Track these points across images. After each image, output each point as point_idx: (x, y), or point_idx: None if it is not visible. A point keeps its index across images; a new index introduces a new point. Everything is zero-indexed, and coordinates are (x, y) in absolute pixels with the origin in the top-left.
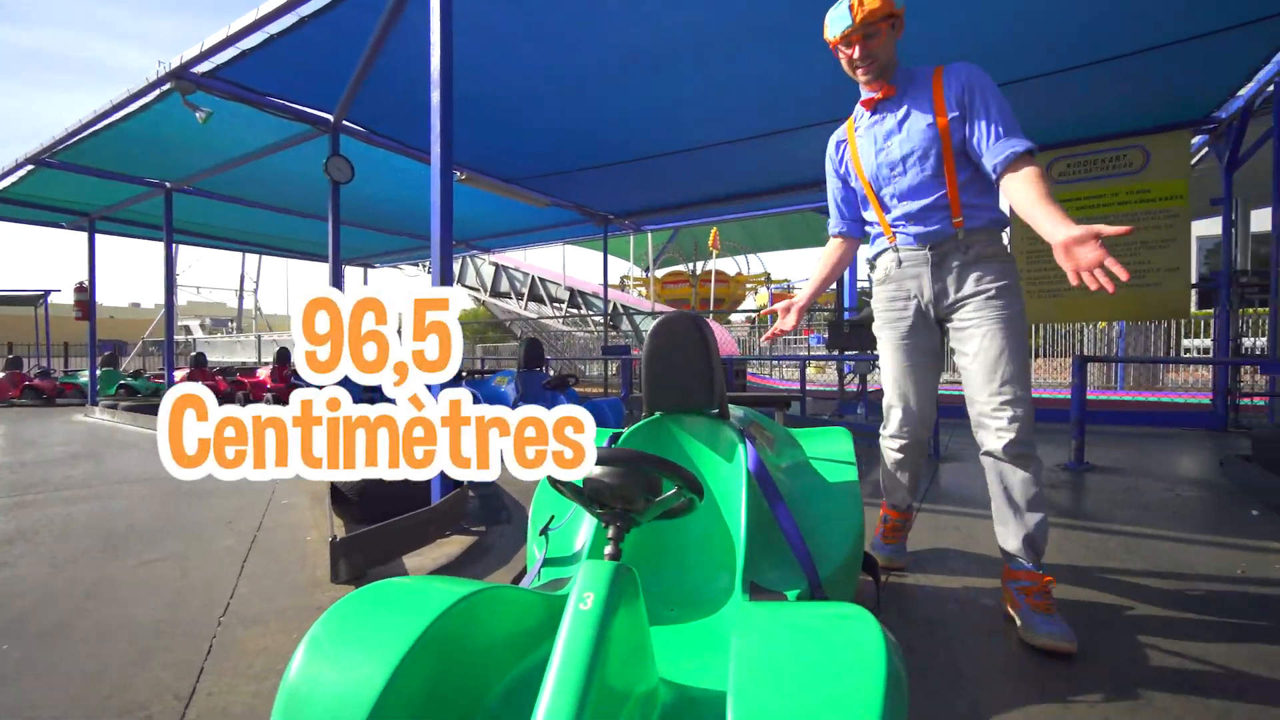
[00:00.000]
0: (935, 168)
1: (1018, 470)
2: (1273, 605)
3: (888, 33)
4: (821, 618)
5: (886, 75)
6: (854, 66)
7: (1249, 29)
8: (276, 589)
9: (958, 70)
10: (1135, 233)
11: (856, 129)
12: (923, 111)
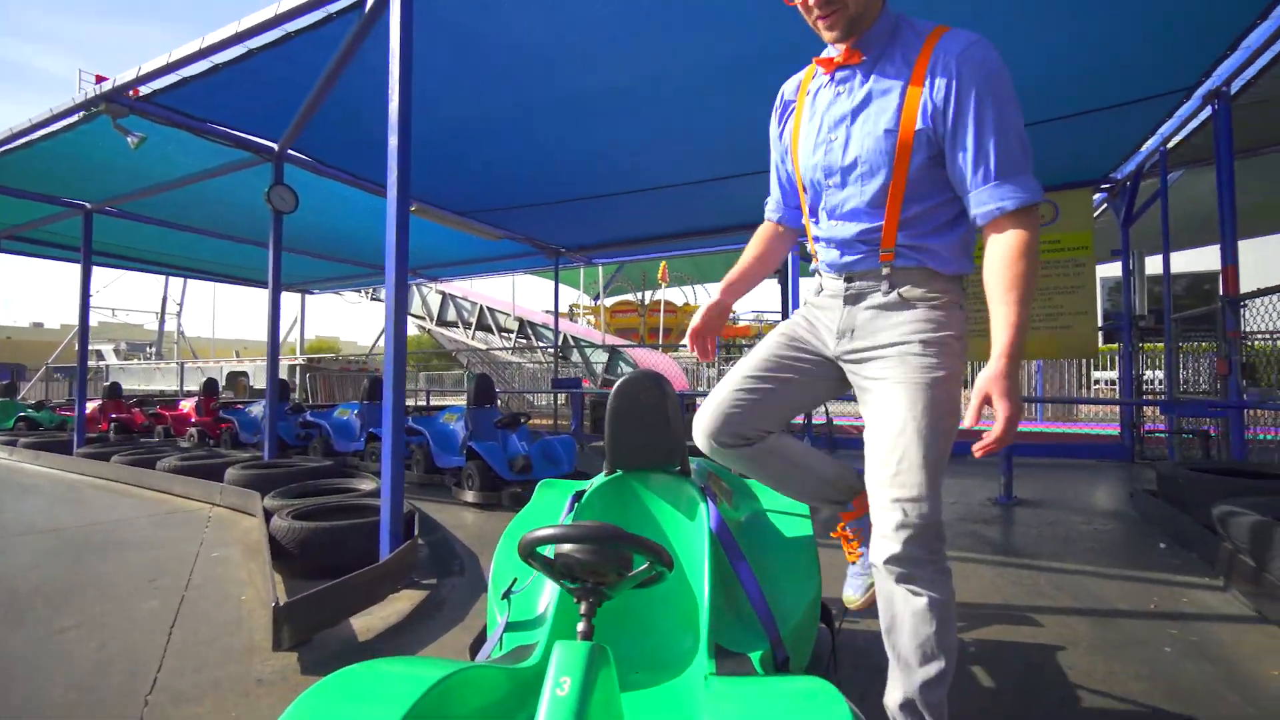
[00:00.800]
0: (879, 193)
1: (908, 598)
2: (1183, 642)
3: None
4: (790, 697)
5: (858, 28)
6: (813, 18)
7: (1136, 106)
8: (210, 658)
9: (954, 51)
10: (1049, 279)
11: (809, 91)
12: (887, 106)
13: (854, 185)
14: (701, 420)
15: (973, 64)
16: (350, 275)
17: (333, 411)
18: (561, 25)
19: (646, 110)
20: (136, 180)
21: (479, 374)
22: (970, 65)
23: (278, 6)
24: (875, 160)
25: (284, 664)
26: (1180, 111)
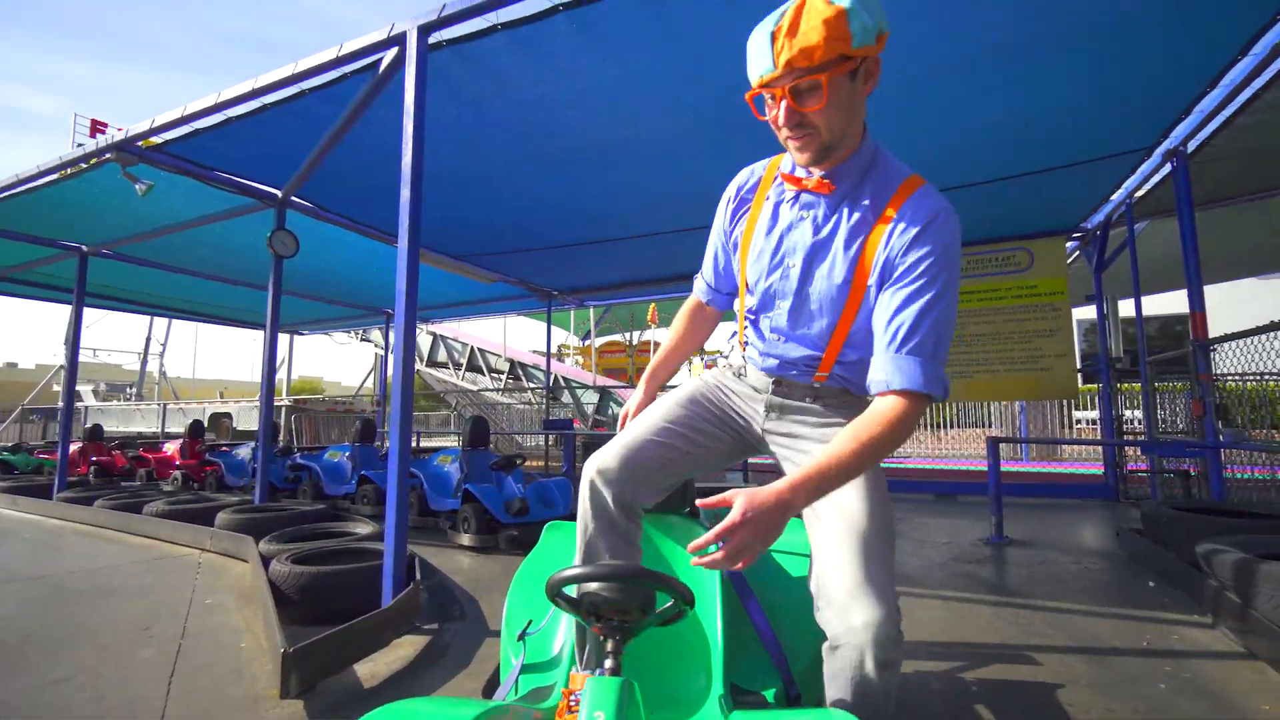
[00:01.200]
0: (825, 330)
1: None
2: (1176, 679)
3: (841, 86)
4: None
5: (834, 156)
6: (783, 137)
7: (1102, 162)
8: (214, 709)
9: (923, 216)
10: (1028, 322)
11: (768, 197)
12: (846, 255)
13: (803, 318)
14: (606, 461)
15: (936, 237)
16: (341, 317)
17: (323, 454)
18: (566, 86)
19: (642, 162)
20: (135, 224)
21: (474, 416)
22: (934, 238)
23: (295, 66)
24: (826, 304)
25: (291, 712)
26: (1143, 168)
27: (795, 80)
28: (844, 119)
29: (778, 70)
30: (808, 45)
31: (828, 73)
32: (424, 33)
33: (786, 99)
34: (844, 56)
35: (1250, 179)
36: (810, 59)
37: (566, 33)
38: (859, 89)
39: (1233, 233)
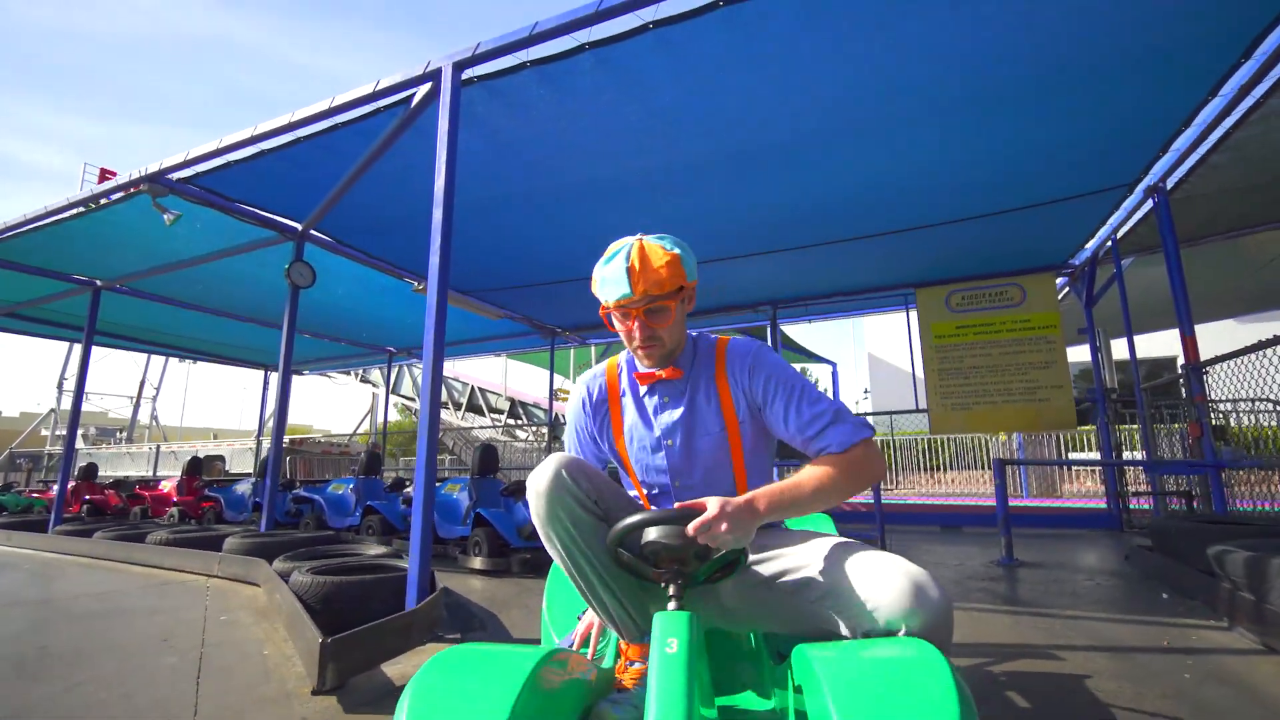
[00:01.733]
0: (727, 479)
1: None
2: (1200, 671)
3: (675, 310)
4: (889, 658)
5: (673, 357)
6: (634, 346)
7: (1086, 198)
8: (247, 703)
9: (742, 356)
10: (1023, 354)
11: (622, 394)
12: (710, 419)
13: (702, 478)
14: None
15: (762, 357)
16: (343, 355)
17: (326, 486)
18: (586, 121)
19: (653, 196)
20: (150, 258)
21: (483, 444)
22: (762, 358)
23: (331, 101)
24: (715, 456)
25: (325, 705)
26: (1126, 204)
27: (649, 304)
28: (679, 332)
29: (635, 296)
30: (659, 279)
31: (673, 299)
32: (458, 69)
33: (641, 318)
34: (680, 287)
35: (1228, 215)
36: (662, 289)
37: (591, 70)
38: (685, 309)
39: (1209, 274)
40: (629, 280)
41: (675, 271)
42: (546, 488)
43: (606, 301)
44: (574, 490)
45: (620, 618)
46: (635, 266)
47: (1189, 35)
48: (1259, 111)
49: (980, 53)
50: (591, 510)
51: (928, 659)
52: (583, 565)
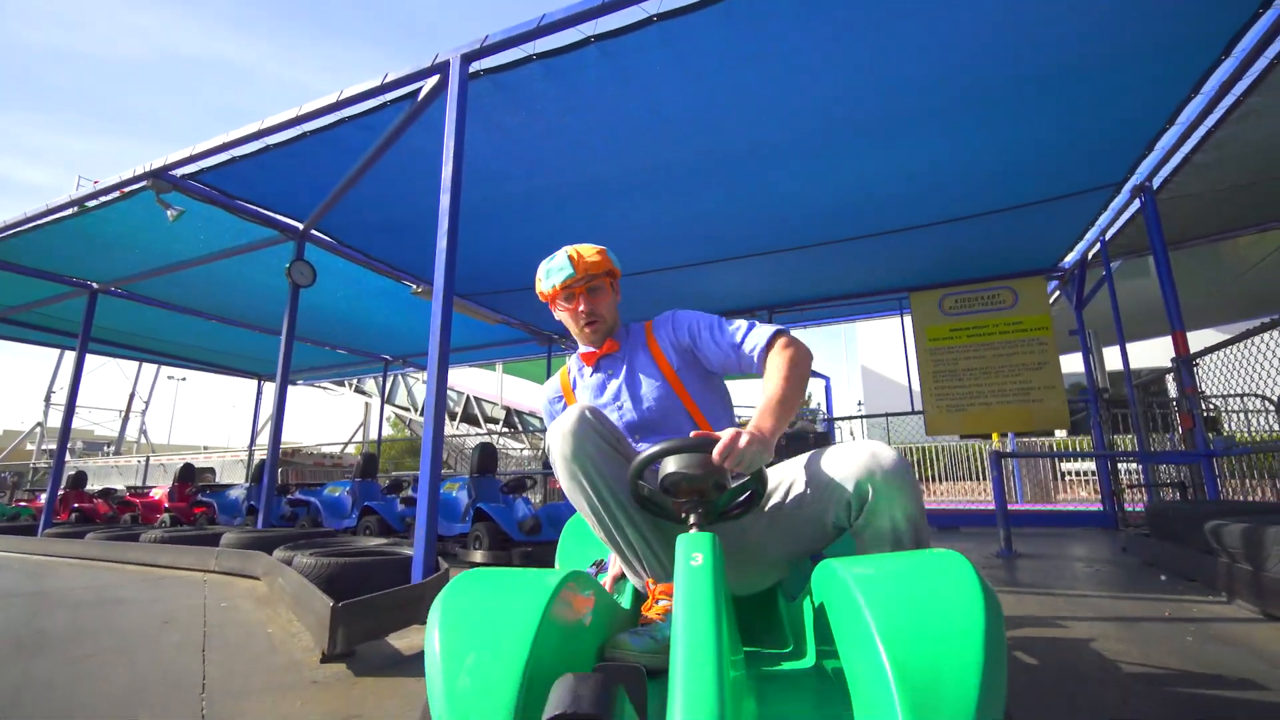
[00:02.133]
0: (687, 421)
1: None
2: (1202, 635)
3: (609, 289)
4: (916, 565)
5: (612, 332)
6: (581, 324)
7: (1075, 198)
8: (255, 671)
9: (664, 321)
10: (1016, 356)
11: (574, 384)
12: (649, 372)
13: (660, 425)
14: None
15: (678, 318)
16: (338, 364)
17: (322, 489)
18: (591, 116)
19: (647, 197)
20: (148, 260)
21: (482, 443)
22: (677, 318)
23: (339, 94)
24: (665, 404)
25: (335, 671)
26: (1114, 204)
27: (589, 282)
28: (613, 310)
29: (578, 275)
30: (595, 262)
31: (607, 278)
32: (466, 61)
33: (584, 295)
34: (609, 272)
35: (1213, 218)
36: (598, 269)
37: (595, 64)
38: (617, 293)
39: (1192, 283)
40: (571, 265)
41: (605, 259)
42: (573, 425)
43: (554, 287)
44: (598, 427)
45: (645, 555)
46: (574, 256)
47: (1171, 33)
48: (1239, 110)
49: (968, 53)
50: (615, 446)
51: (951, 561)
52: (608, 501)
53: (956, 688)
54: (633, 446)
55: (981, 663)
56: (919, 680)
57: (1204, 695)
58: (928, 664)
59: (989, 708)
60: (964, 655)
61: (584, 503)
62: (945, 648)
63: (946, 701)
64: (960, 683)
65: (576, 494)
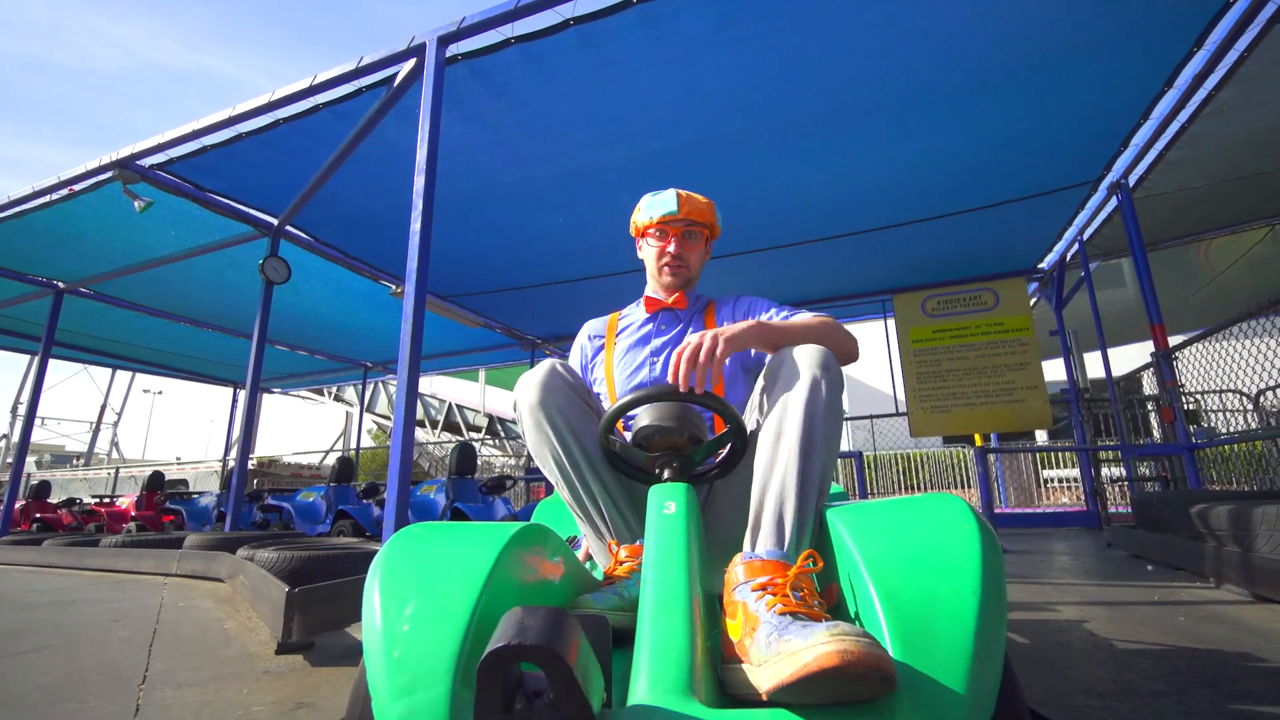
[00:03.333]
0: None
1: None
2: (1193, 615)
3: (705, 243)
4: (914, 508)
5: (688, 287)
6: (663, 262)
7: (1054, 196)
8: (204, 664)
9: (729, 299)
10: (998, 356)
11: (621, 330)
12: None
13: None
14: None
15: (741, 298)
16: (316, 371)
17: (295, 495)
18: (568, 105)
19: (630, 190)
20: (118, 257)
21: (461, 443)
22: (741, 298)
23: (312, 79)
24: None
25: (290, 661)
26: (1091, 203)
27: (688, 226)
28: (700, 264)
29: (680, 214)
30: (700, 207)
31: (705, 229)
32: (443, 44)
33: (678, 237)
34: (710, 225)
35: (1187, 217)
36: (702, 216)
37: (574, 50)
38: (707, 252)
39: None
40: (677, 202)
41: (712, 211)
42: (543, 375)
43: (651, 218)
44: (569, 379)
45: (611, 515)
46: (683, 196)
47: (1143, 25)
48: (1211, 105)
49: (943, 45)
50: (584, 399)
51: (946, 500)
52: (575, 456)
53: (952, 617)
54: (603, 404)
55: (979, 590)
56: (909, 611)
57: (1203, 666)
58: (919, 595)
59: (988, 636)
60: (959, 585)
61: (549, 455)
62: (938, 578)
63: (942, 631)
64: (956, 612)
65: (542, 446)
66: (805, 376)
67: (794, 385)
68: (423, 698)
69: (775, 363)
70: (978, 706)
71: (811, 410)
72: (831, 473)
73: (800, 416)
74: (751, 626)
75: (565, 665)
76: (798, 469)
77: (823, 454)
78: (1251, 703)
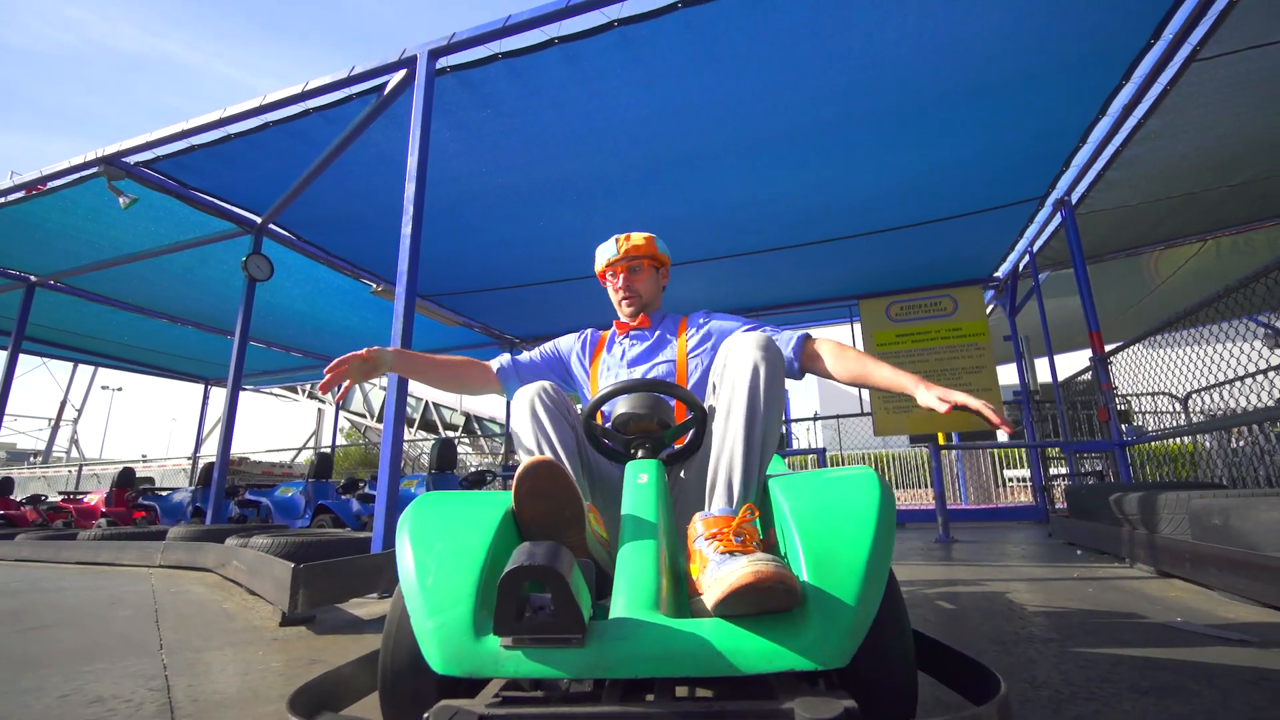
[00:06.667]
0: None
1: None
2: (1101, 587)
3: (649, 272)
4: (835, 479)
5: (648, 310)
6: (619, 297)
7: (1004, 210)
8: (213, 634)
9: (701, 313)
10: (956, 360)
11: (609, 345)
12: (664, 351)
13: None
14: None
15: (713, 312)
16: (291, 368)
17: (274, 490)
18: (552, 118)
19: (608, 198)
20: (94, 251)
21: (441, 439)
22: (713, 313)
23: (304, 84)
24: (663, 378)
25: (296, 631)
26: (1039, 218)
27: (629, 262)
28: (653, 291)
29: (619, 255)
30: (638, 245)
31: (647, 260)
32: (433, 56)
33: (624, 273)
34: (654, 255)
35: (1127, 232)
36: (639, 251)
37: (558, 65)
38: (660, 279)
39: (1113, 296)
40: (616, 246)
41: (650, 244)
42: (535, 390)
43: (601, 266)
44: (552, 395)
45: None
46: (621, 239)
47: (1078, 57)
48: (1142, 131)
49: (901, 69)
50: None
51: (861, 472)
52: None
53: (849, 550)
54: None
55: (872, 533)
56: (819, 545)
57: (1093, 623)
58: (827, 534)
59: (876, 565)
60: (858, 528)
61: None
62: (843, 522)
63: (841, 560)
64: (853, 547)
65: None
66: (747, 360)
67: (738, 369)
68: (451, 614)
69: (724, 351)
70: (864, 613)
71: (753, 389)
72: (775, 438)
73: (745, 396)
74: (703, 565)
75: (564, 580)
76: (743, 440)
77: (762, 426)
78: (1122, 646)
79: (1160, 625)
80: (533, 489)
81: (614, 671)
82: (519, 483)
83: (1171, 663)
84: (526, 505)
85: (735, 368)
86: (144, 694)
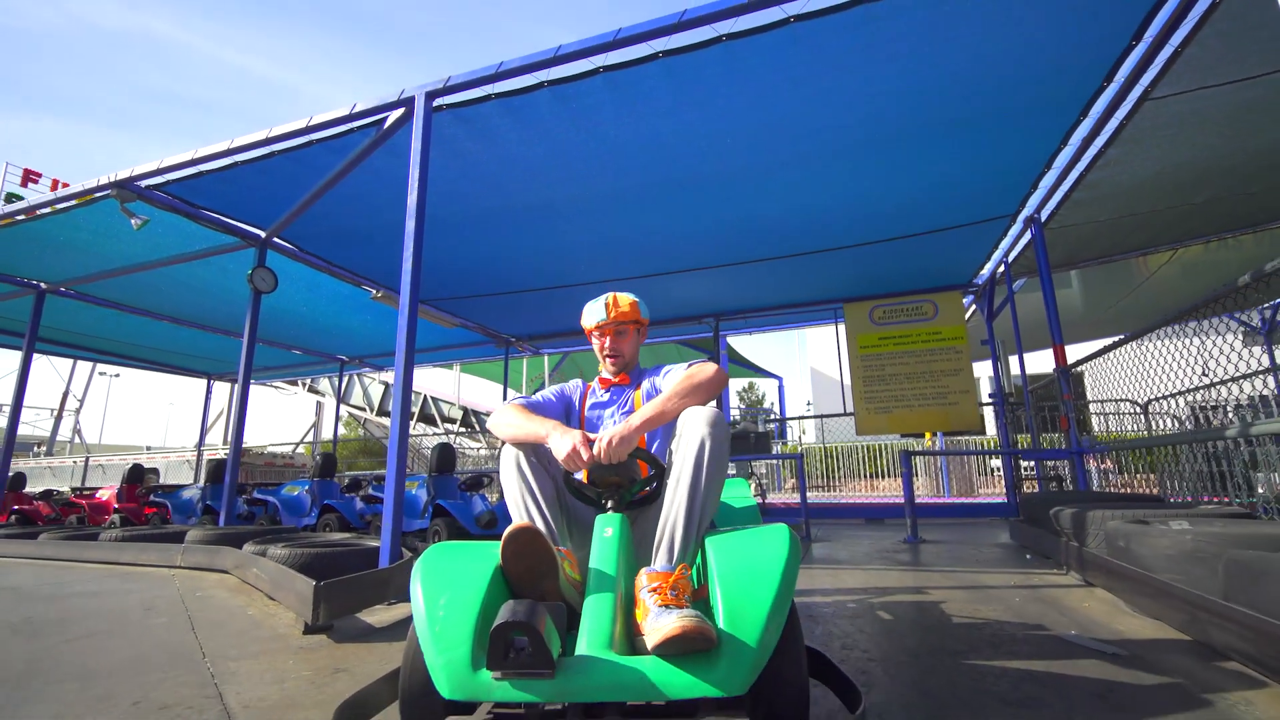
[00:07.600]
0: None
1: None
2: (1028, 595)
3: (632, 335)
4: (755, 533)
5: (628, 368)
6: (604, 355)
7: (980, 226)
8: (245, 642)
9: (656, 369)
10: (935, 363)
11: (590, 395)
12: (632, 407)
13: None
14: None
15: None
16: (292, 364)
17: (281, 488)
18: (543, 148)
19: (601, 217)
20: (103, 262)
21: (441, 444)
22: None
23: (309, 119)
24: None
25: (317, 640)
26: (1012, 232)
27: (617, 326)
28: (634, 351)
29: (608, 320)
30: (624, 310)
31: (631, 325)
32: (430, 97)
33: (611, 336)
34: (637, 320)
35: (1096, 244)
36: (625, 318)
37: (549, 104)
38: (641, 337)
39: (1099, 296)
40: (606, 311)
41: (634, 310)
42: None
43: (590, 325)
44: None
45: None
46: (610, 303)
47: (1038, 97)
48: (1103, 159)
49: (881, 100)
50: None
51: (778, 529)
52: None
53: (754, 603)
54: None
55: (776, 588)
56: (733, 598)
57: (1002, 634)
58: (740, 589)
59: (776, 612)
60: (764, 584)
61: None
62: (751, 579)
63: (748, 611)
64: (757, 600)
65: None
66: (696, 436)
67: (688, 443)
68: (455, 654)
69: (680, 422)
70: (762, 652)
71: (699, 462)
72: (714, 505)
73: (690, 469)
74: (645, 612)
75: (537, 632)
76: (685, 510)
77: (703, 496)
78: (1014, 658)
79: (1056, 638)
80: (515, 551)
81: (576, 697)
82: (505, 546)
83: (1047, 675)
84: (511, 564)
85: (687, 440)
86: (202, 701)
